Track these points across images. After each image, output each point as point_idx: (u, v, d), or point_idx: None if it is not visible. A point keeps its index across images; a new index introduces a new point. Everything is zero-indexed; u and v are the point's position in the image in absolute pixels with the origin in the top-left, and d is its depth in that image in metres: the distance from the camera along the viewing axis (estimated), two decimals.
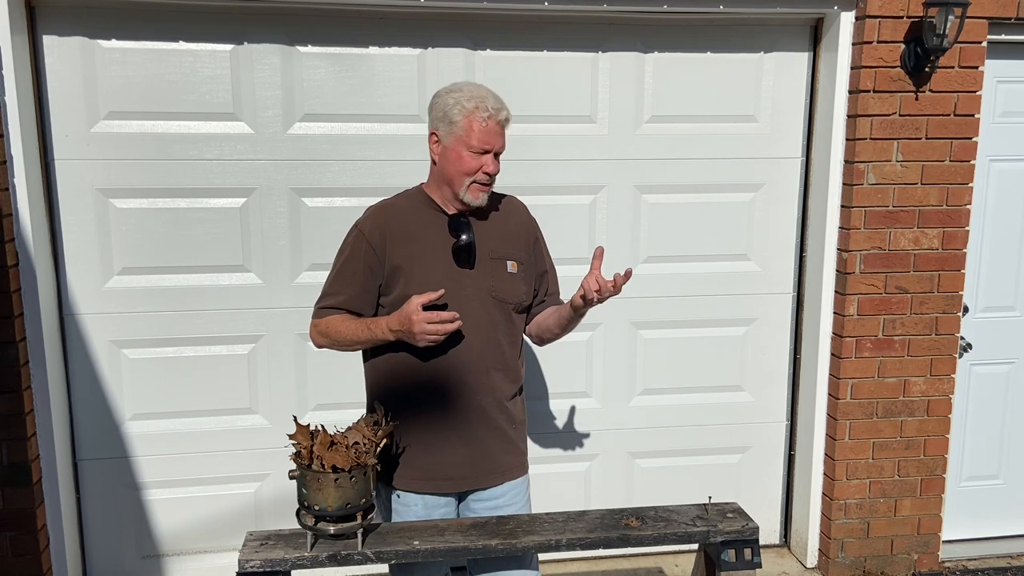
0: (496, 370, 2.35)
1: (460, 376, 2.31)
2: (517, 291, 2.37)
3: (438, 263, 2.29)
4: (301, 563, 2.17)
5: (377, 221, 2.33)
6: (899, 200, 3.34)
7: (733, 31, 3.39)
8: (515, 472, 2.44)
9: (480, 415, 2.34)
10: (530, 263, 2.43)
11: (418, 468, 2.35)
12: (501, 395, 2.37)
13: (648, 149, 3.43)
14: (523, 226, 2.45)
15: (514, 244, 2.39)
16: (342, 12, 3.14)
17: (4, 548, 3.02)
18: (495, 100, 2.26)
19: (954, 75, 3.28)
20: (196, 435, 3.35)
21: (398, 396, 2.34)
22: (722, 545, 2.35)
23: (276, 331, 3.33)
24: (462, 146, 2.24)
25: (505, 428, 2.39)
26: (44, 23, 3.00)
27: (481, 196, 2.28)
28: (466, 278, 2.30)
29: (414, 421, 2.33)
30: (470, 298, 2.29)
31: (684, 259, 3.53)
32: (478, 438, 2.35)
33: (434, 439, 2.34)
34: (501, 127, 2.26)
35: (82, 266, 3.16)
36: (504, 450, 2.40)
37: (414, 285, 2.26)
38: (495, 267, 2.33)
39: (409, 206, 2.36)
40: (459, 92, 2.26)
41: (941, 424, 3.54)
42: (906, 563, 3.64)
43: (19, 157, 2.89)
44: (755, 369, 3.68)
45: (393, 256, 2.29)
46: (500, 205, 2.44)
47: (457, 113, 2.23)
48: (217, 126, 3.16)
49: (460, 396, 2.31)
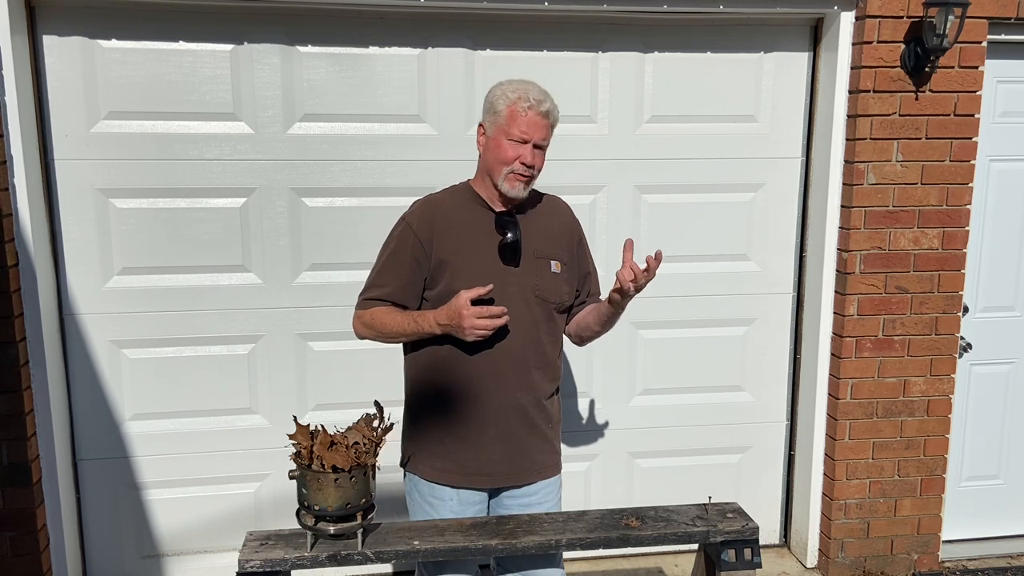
0: (536, 368, 2.36)
1: (501, 373, 2.31)
2: (560, 291, 2.38)
3: (484, 259, 2.30)
4: (301, 563, 2.17)
5: (425, 215, 2.34)
6: (899, 200, 3.34)
7: (733, 31, 3.39)
8: (549, 471, 2.45)
9: (519, 412, 2.35)
10: (573, 264, 2.44)
11: (455, 463, 2.36)
12: (540, 393, 2.38)
13: (648, 149, 3.43)
14: (567, 227, 2.46)
15: (558, 244, 2.41)
16: (342, 12, 3.14)
17: (4, 548, 3.02)
18: (539, 92, 2.27)
19: (954, 75, 3.28)
20: (196, 435, 3.35)
21: (438, 390, 2.35)
22: (722, 545, 2.35)
23: (276, 331, 3.33)
24: (502, 135, 2.26)
25: (542, 426, 2.41)
26: (44, 23, 3.00)
27: (518, 186, 2.28)
28: (511, 276, 2.31)
29: (453, 415, 2.34)
30: (514, 296, 2.29)
31: (684, 259, 3.53)
32: (516, 435, 2.36)
33: (472, 434, 2.34)
34: (543, 118, 2.26)
35: (82, 266, 3.16)
36: (540, 448, 2.42)
37: (460, 280, 2.26)
38: (539, 266, 2.35)
39: (456, 202, 2.37)
40: (507, 84, 2.30)
41: (941, 424, 3.54)
42: (906, 563, 3.64)
43: (19, 157, 2.89)
44: (755, 369, 3.68)
45: (440, 250, 2.30)
46: (545, 205, 2.46)
47: (501, 103, 2.26)
48: (217, 126, 3.16)
49: (500, 393, 2.32)
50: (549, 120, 2.26)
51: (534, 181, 2.31)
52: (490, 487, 2.41)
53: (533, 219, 2.39)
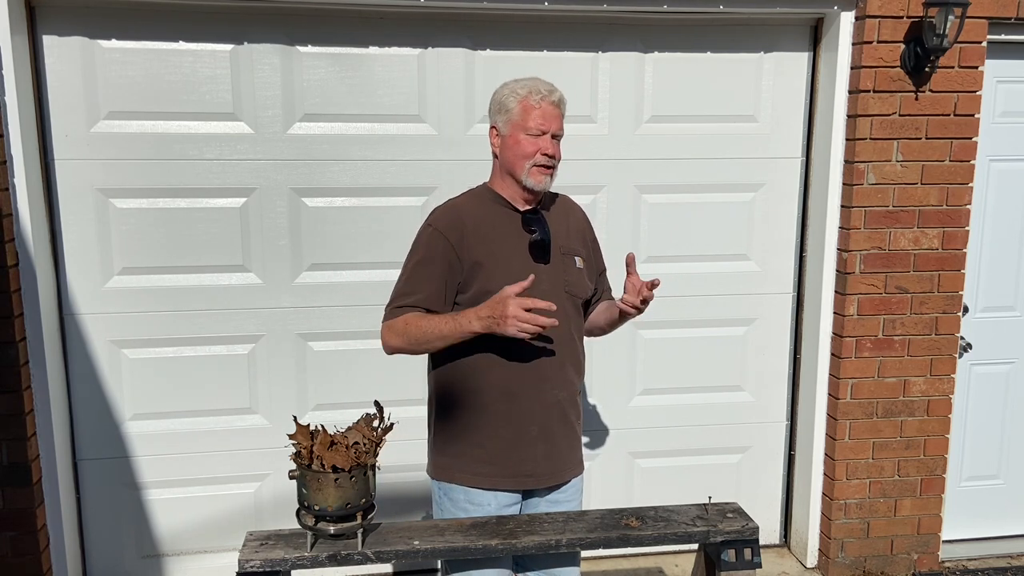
0: (570, 364, 2.37)
1: (542, 371, 2.30)
2: (585, 286, 2.42)
3: (516, 258, 2.29)
4: (301, 563, 2.17)
5: (452, 219, 2.31)
6: (899, 200, 3.34)
7: (733, 31, 3.39)
8: (579, 468, 2.47)
9: (558, 410, 2.35)
10: (590, 260, 2.48)
11: (498, 466, 2.32)
12: (573, 390, 2.40)
13: (648, 149, 3.43)
14: (581, 224, 2.49)
15: (577, 240, 2.44)
16: (342, 12, 3.14)
17: (4, 548, 3.02)
18: (547, 84, 2.28)
19: (954, 75, 3.28)
20: (196, 435, 3.35)
21: (475, 395, 2.31)
22: (722, 545, 2.35)
23: (276, 331, 3.33)
24: (519, 131, 2.26)
25: (575, 423, 2.43)
26: (44, 23, 3.00)
27: (544, 179, 2.28)
28: (542, 273, 2.29)
29: (494, 418, 2.30)
30: (547, 293, 2.26)
31: (684, 259, 3.53)
32: (555, 433, 2.35)
33: (516, 435, 2.31)
34: (556, 108, 2.27)
35: (82, 266, 3.17)
36: (572, 445, 2.43)
37: (494, 281, 2.23)
38: (566, 262, 2.36)
39: (479, 204, 2.36)
40: (513, 83, 2.31)
41: (941, 424, 3.54)
42: (906, 563, 3.64)
43: (19, 157, 2.89)
44: (755, 369, 3.68)
45: (472, 252, 2.27)
46: (559, 204, 2.48)
47: (512, 101, 2.27)
48: (217, 126, 3.16)
49: (542, 391, 2.31)
50: (561, 109, 2.28)
51: (555, 174, 2.32)
52: (534, 487, 2.38)
53: (554, 216, 2.41)
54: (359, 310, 3.33)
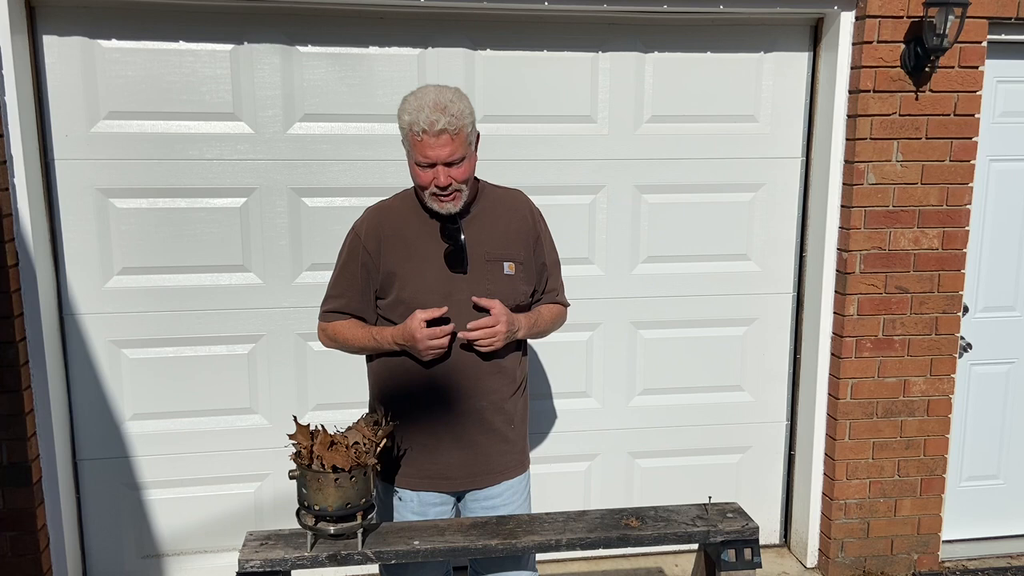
0: (492, 374, 2.35)
1: (456, 381, 2.32)
2: (515, 292, 2.35)
3: (431, 268, 2.29)
4: (301, 563, 2.17)
5: (372, 224, 2.35)
6: (899, 200, 3.34)
7: (733, 31, 3.39)
8: (512, 472, 2.45)
9: (476, 418, 2.36)
10: (530, 261, 2.40)
11: (415, 467, 2.38)
12: (498, 397, 2.37)
13: (648, 149, 3.43)
14: (523, 223, 2.41)
15: (513, 244, 2.36)
16: (342, 12, 3.14)
17: (4, 548, 3.02)
18: (431, 111, 2.13)
19: (954, 75, 3.28)
20: (196, 435, 3.35)
21: (397, 399, 2.38)
22: (722, 545, 2.35)
23: (276, 331, 3.33)
24: (412, 160, 2.24)
25: (502, 429, 2.40)
26: (44, 23, 3.00)
27: (446, 205, 2.23)
28: (460, 282, 2.29)
29: (413, 423, 2.36)
30: (463, 303, 2.27)
31: (684, 259, 3.53)
32: (474, 441, 2.37)
33: (431, 441, 2.37)
34: (439, 137, 2.14)
35: (82, 266, 3.17)
36: (500, 451, 2.41)
37: (408, 290, 2.29)
38: (490, 270, 2.31)
39: (404, 208, 2.36)
40: (403, 107, 2.20)
41: (941, 424, 3.54)
42: (906, 563, 3.64)
43: (19, 157, 2.89)
44: (755, 369, 3.68)
45: (387, 261, 2.31)
46: (501, 202, 2.41)
47: (403, 130, 2.21)
48: (217, 126, 3.16)
49: (456, 400, 2.33)
50: (449, 134, 2.14)
51: (463, 194, 2.24)
52: (450, 491, 2.41)
53: (486, 219, 2.35)
54: None
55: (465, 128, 2.18)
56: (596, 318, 3.49)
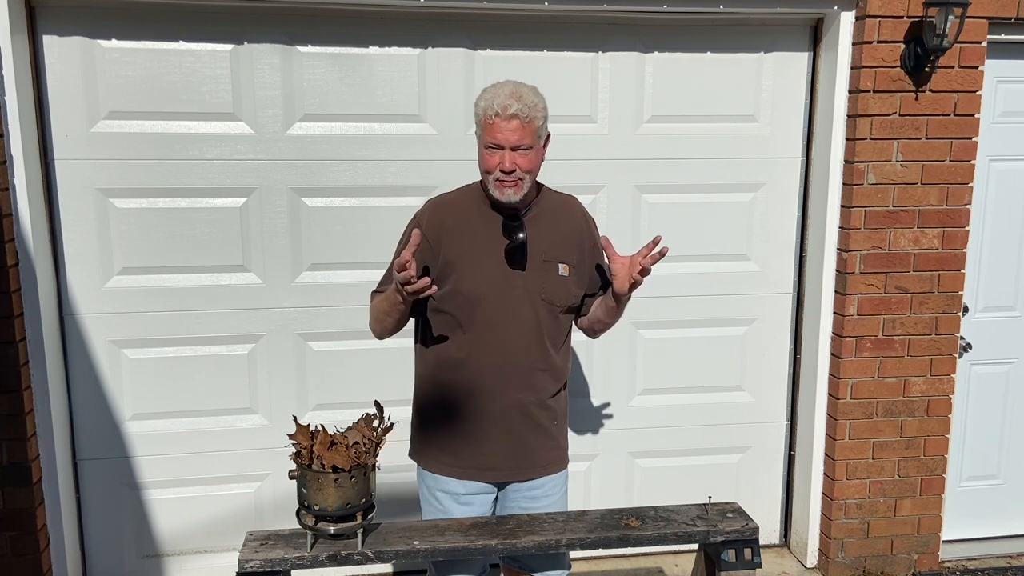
0: (540, 370, 2.40)
1: (505, 374, 2.37)
2: (567, 294, 2.41)
3: (491, 262, 2.34)
4: (301, 563, 2.17)
5: (435, 216, 2.40)
6: (899, 200, 3.34)
7: (733, 31, 3.39)
8: (554, 467, 2.50)
9: (522, 412, 2.40)
10: (583, 265, 2.46)
11: (459, 458, 2.42)
12: (544, 394, 2.43)
13: (648, 149, 3.43)
14: (578, 228, 2.47)
15: (567, 247, 2.42)
16: (342, 12, 3.14)
17: (4, 548, 3.02)
18: (506, 97, 2.24)
19: (954, 75, 3.28)
20: (196, 435, 3.35)
21: (445, 388, 2.42)
22: (722, 545, 2.35)
23: (276, 331, 3.33)
24: (482, 144, 2.30)
25: (546, 425, 2.45)
26: (44, 23, 3.00)
27: (507, 192, 2.28)
28: (517, 279, 2.35)
29: (459, 414, 2.40)
30: (520, 299, 2.35)
31: (684, 259, 3.52)
32: (519, 434, 2.42)
33: (477, 433, 2.40)
34: (510, 121, 2.23)
35: (82, 266, 3.17)
36: (544, 446, 2.46)
37: (466, 281, 2.33)
38: (546, 269, 2.37)
39: (467, 203, 2.41)
40: (483, 93, 2.30)
41: (941, 424, 3.54)
42: (906, 563, 3.64)
43: (19, 157, 2.89)
44: (755, 369, 3.68)
45: (448, 251, 2.35)
46: (558, 206, 2.47)
47: (478, 116, 2.30)
48: (217, 126, 3.16)
49: (504, 393, 2.38)
50: (520, 121, 2.22)
51: (525, 184, 2.29)
52: (494, 481, 2.46)
53: (544, 221, 2.41)
54: (359, 310, 3.32)
55: (536, 120, 2.25)
56: None
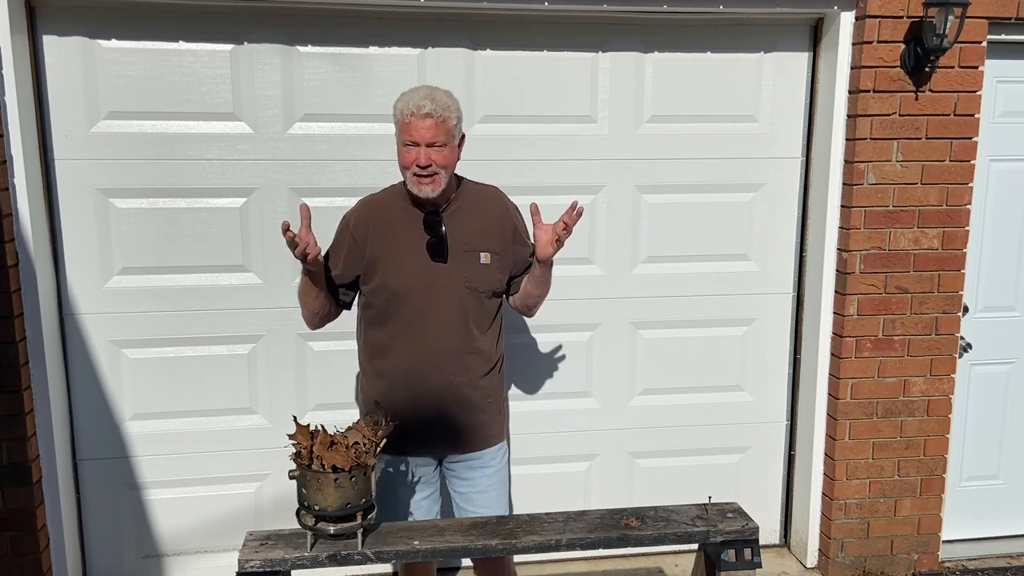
0: (469, 353, 2.56)
1: (436, 359, 2.54)
2: (491, 279, 2.58)
3: (415, 256, 2.52)
4: (301, 563, 2.17)
5: (362, 214, 2.58)
6: (899, 200, 3.34)
7: (733, 31, 3.39)
8: (491, 440, 2.67)
9: (455, 394, 2.57)
10: (506, 252, 2.61)
11: (402, 437, 2.52)
12: (474, 375, 2.59)
13: (648, 149, 3.43)
14: (499, 218, 2.62)
15: (488, 236, 2.57)
16: (342, 12, 3.14)
17: (4, 548, 3.02)
18: (422, 98, 2.40)
19: (954, 75, 3.28)
20: (196, 435, 3.35)
21: (381, 374, 2.59)
22: (722, 545, 2.35)
23: (276, 331, 3.33)
24: (400, 143, 2.46)
25: (478, 402, 2.61)
26: (44, 23, 3.00)
27: (424, 188, 2.43)
28: (440, 270, 2.52)
29: (395, 397, 2.56)
30: (445, 288, 2.52)
31: (684, 259, 3.53)
32: (452, 413, 2.58)
33: (414, 415, 2.55)
34: (424, 119, 2.38)
35: (82, 266, 3.16)
36: (478, 423, 2.62)
37: (392, 275, 2.51)
38: (468, 259, 2.54)
39: (391, 202, 2.59)
40: (399, 99, 2.46)
41: (941, 424, 3.54)
42: (906, 563, 3.64)
43: (19, 157, 2.89)
44: (755, 369, 3.68)
45: (373, 247, 2.53)
46: (479, 199, 2.63)
47: (396, 117, 2.46)
48: (217, 126, 3.16)
49: (436, 376, 2.55)
50: (434, 120, 2.39)
51: (442, 179, 2.44)
52: (430, 456, 2.64)
53: (465, 213, 2.57)
54: None
55: (450, 119, 2.43)
56: (596, 318, 3.50)
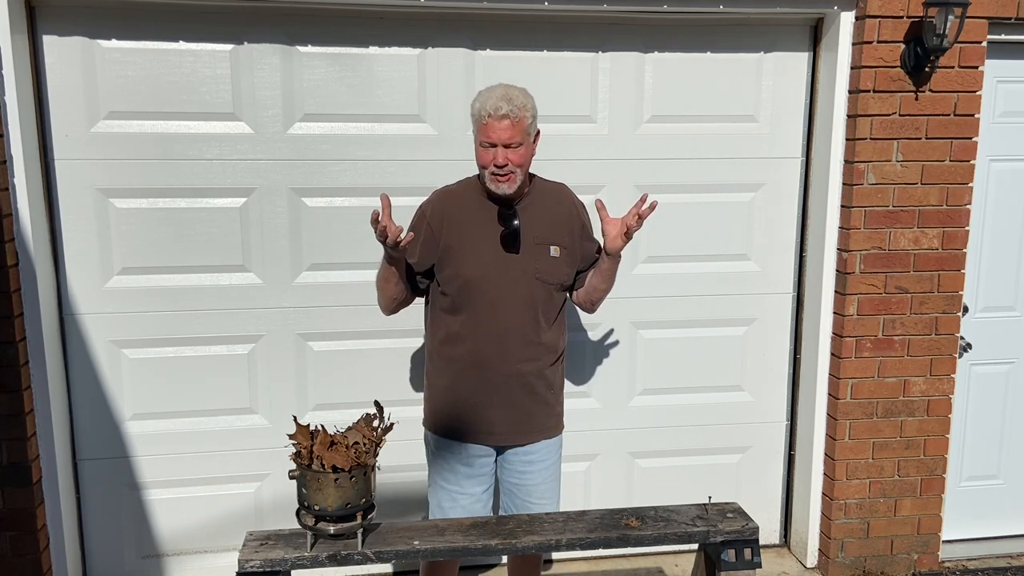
0: (536, 344, 2.65)
1: (504, 348, 2.61)
2: (559, 273, 2.67)
3: (488, 247, 2.60)
4: (301, 563, 2.17)
5: (439, 205, 2.67)
6: (899, 200, 3.34)
7: (733, 31, 3.39)
8: (551, 432, 2.76)
9: (521, 381, 2.65)
10: (574, 247, 2.71)
11: (464, 423, 2.66)
12: (542, 365, 2.68)
13: (648, 149, 3.43)
14: (568, 213, 2.72)
15: (559, 231, 2.67)
16: (342, 12, 3.14)
17: (4, 548, 3.02)
18: (498, 100, 2.48)
19: (954, 75, 3.28)
20: (196, 435, 3.35)
21: (450, 361, 2.67)
22: (722, 545, 2.35)
23: (276, 331, 3.33)
24: (478, 143, 2.55)
25: (543, 393, 2.71)
26: (44, 23, 3.00)
27: (501, 185, 2.53)
28: (512, 261, 2.60)
29: (463, 384, 2.65)
30: (516, 279, 2.60)
31: (684, 259, 3.53)
32: (519, 401, 2.66)
33: (480, 400, 2.64)
34: (501, 121, 2.47)
35: (82, 266, 3.17)
36: (542, 412, 2.72)
37: (466, 265, 2.59)
38: (539, 252, 2.63)
39: (467, 193, 2.68)
40: (476, 98, 2.55)
41: (941, 424, 3.54)
42: (906, 563, 3.64)
43: (19, 157, 2.89)
44: (755, 369, 3.68)
45: (448, 237, 2.61)
46: (549, 194, 2.73)
47: (474, 117, 2.55)
48: (217, 126, 3.16)
49: (504, 364, 2.62)
50: (511, 120, 2.47)
51: (517, 177, 2.53)
52: (495, 445, 2.70)
53: (536, 208, 2.66)
54: (359, 310, 3.33)
55: (525, 119, 2.51)
56: (596, 318, 3.49)
